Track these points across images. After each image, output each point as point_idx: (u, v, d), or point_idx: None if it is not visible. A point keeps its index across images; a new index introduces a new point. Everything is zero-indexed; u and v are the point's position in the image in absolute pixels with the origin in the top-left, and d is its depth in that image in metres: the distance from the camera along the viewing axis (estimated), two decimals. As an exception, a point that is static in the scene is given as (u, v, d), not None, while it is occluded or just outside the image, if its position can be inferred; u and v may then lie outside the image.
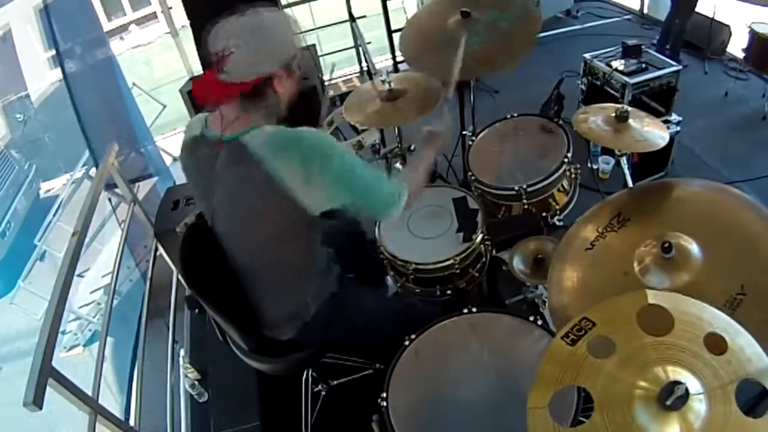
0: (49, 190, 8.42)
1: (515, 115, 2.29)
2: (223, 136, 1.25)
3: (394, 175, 1.40)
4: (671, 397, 0.77)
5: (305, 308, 1.44)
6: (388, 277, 2.04)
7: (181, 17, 3.42)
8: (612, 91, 3.00)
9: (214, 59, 1.21)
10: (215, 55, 1.20)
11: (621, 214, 1.37)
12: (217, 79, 1.21)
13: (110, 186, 2.71)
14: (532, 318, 1.39)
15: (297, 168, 1.19)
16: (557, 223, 2.09)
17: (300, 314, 1.44)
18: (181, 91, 3.34)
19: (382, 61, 4.80)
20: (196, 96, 1.27)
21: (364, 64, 4.81)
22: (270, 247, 1.33)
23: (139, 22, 12.54)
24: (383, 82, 2.01)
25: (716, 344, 0.84)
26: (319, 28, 4.92)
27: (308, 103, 2.49)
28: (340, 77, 5.00)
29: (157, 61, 11.14)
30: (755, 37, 3.42)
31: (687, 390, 0.77)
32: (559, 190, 2.09)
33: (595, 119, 1.58)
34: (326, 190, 1.23)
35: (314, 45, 4.18)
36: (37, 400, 1.27)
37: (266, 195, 1.21)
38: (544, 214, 2.06)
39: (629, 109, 1.56)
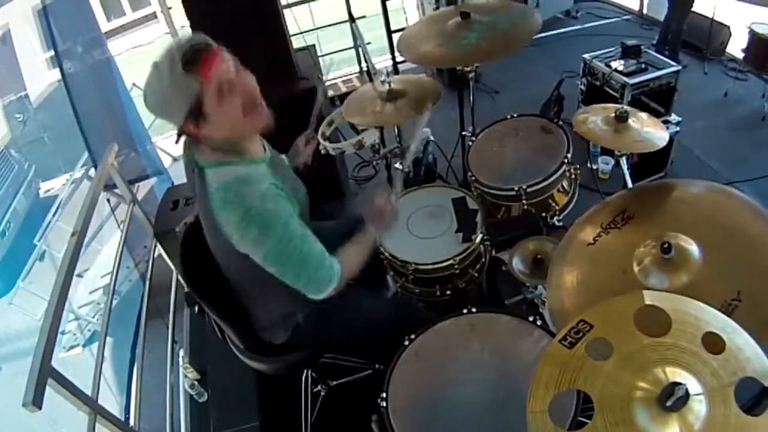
0: (48, 190, 8.40)
1: (515, 115, 2.29)
2: (200, 159, 1.25)
3: (336, 253, 1.27)
4: (671, 398, 0.77)
5: (292, 314, 1.43)
6: (389, 277, 2.04)
7: (181, 17, 3.42)
8: (611, 92, 3.00)
9: None
10: None
11: (626, 212, 1.36)
12: None
13: (109, 186, 2.71)
14: (531, 318, 1.40)
15: (234, 227, 1.16)
16: (557, 223, 2.09)
17: (288, 320, 1.43)
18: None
19: (382, 62, 4.80)
20: None
21: (363, 64, 4.81)
22: (239, 263, 1.27)
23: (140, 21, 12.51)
24: (383, 82, 2.01)
25: (714, 344, 0.84)
26: (319, 28, 4.92)
27: (306, 104, 2.48)
28: (340, 77, 5.00)
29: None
30: (755, 38, 3.41)
31: (687, 391, 0.77)
32: (558, 190, 2.10)
33: (595, 119, 1.58)
34: (259, 256, 1.19)
35: (314, 45, 4.17)
36: (36, 401, 1.27)
37: (216, 234, 1.22)
38: (543, 214, 2.06)
39: (629, 109, 1.56)
